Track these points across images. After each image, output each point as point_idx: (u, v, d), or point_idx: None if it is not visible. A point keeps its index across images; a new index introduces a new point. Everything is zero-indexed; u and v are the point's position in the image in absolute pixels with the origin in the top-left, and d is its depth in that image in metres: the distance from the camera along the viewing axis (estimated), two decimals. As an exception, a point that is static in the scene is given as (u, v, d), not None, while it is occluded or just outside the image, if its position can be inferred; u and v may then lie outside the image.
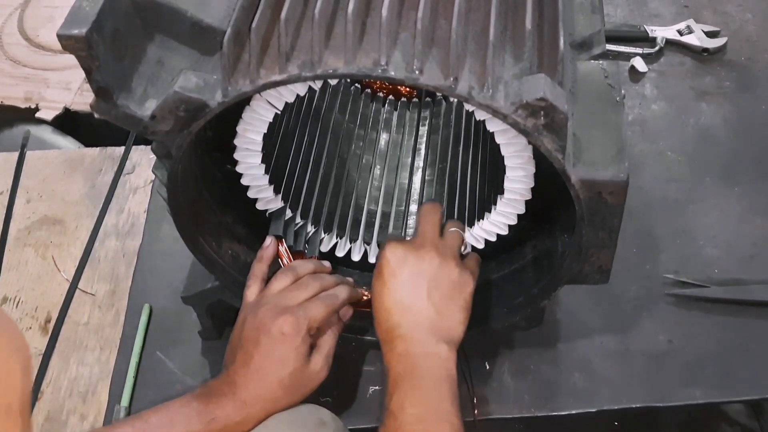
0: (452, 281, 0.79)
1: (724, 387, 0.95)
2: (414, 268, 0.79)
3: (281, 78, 0.66)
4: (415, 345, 0.76)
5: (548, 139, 0.66)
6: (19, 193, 1.18)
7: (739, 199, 1.12)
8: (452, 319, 0.78)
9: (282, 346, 0.77)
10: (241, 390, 0.77)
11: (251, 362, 0.77)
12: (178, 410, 0.77)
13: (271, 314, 0.78)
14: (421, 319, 0.77)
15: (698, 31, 1.32)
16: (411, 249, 0.80)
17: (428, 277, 0.79)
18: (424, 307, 0.77)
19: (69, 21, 0.63)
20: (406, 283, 0.78)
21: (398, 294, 0.78)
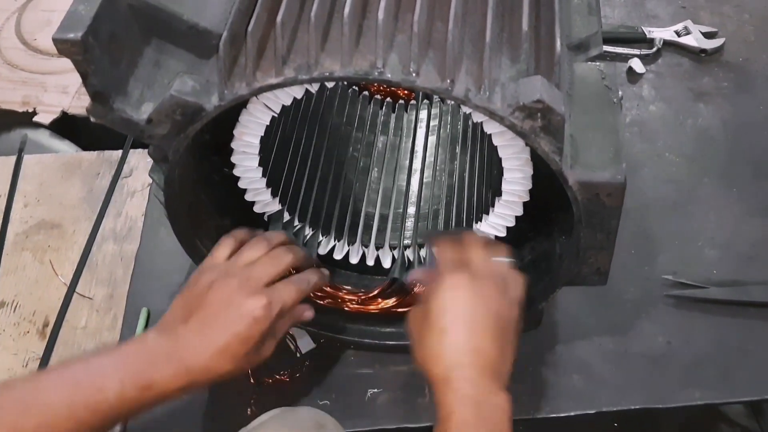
0: (514, 315, 0.74)
1: (724, 388, 0.94)
2: (484, 298, 0.72)
3: (277, 81, 0.66)
4: (480, 390, 0.68)
5: (545, 141, 0.66)
6: (17, 198, 1.17)
7: (737, 200, 1.12)
8: (509, 359, 0.72)
9: (248, 326, 0.73)
10: (187, 357, 0.72)
11: (208, 331, 0.73)
12: (111, 367, 0.70)
13: (246, 291, 0.74)
14: (488, 362, 0.69)
15: (696, 32, 1.32)
16: (476, 278, 0.73)
17: (497, 312, 0.72)
18: (494, 349, 0.70)
19: (65, 25, 0.63)
20: (476, 317, 0.71)
21: (468, 329, 0.70)
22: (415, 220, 0.97)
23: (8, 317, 1.04)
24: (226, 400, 0.94)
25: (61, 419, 0.68)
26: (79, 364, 0.71)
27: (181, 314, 0.75)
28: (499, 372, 0.70)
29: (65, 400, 0.68)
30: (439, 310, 0.71)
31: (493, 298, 0.72)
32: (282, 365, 0.95)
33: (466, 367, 0.69)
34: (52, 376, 0.71)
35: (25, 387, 0.70)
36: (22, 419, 0.67)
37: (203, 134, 0.78)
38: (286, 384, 0.94)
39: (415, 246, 0.94)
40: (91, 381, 0.69)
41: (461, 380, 0.68)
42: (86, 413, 0.68)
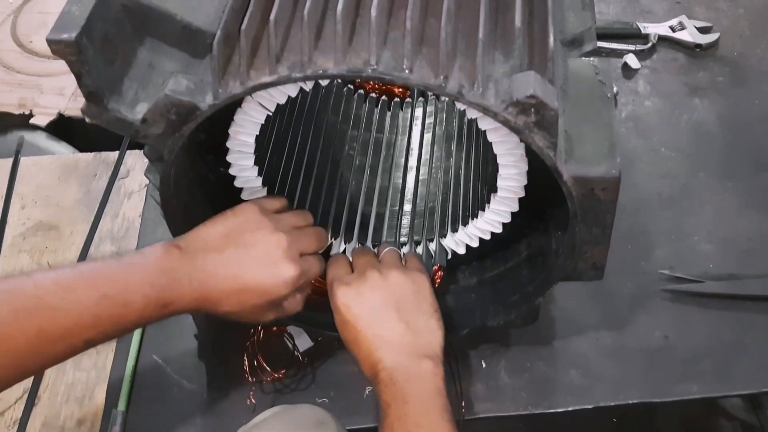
0: (408, 291, 0.80)
1: (721, 382, 0.95)
2: (371, 298, 0.79)
3: (271, 79, 0.66)
4: (398, 372, 0.75)
5: (539, 137, 0.67)
6: (14, 200, 1.17)
7: (733, 194, 1.12)
8: (427, 329, 0.78)
9: (274, 286, 0.77)
10: (209, 287, 0.74)
11: (237, 270, 0.75)
12: (137, 283, 0.71)
13: (288, 255, 0.77)
14: (400, 344, 0.76)
15: (690, 27, 1.32)
16: (357, 282, 0.80)
17: (387, 299, 0.78)
18: (399, 331, 0.77)
19: (58, 26, 0.64)
20: (372, 317, 0.78)
21: (370, 331, 0.77)
22: (411, 218, 0.97)
23: (6, 319, 1.04)
24: (225, 398, 0.94)
25: (86, 327, 0.69)
26: (106, 274, 0.72)
27: (216, 242, 0.76)
28: (416, 346, 0.76)
29: (92, 309, 0.69)
30: (341, 325, 0.80)
31: (381, 283, 0.79)
32: (280, 364, 0.95)
33: (384, 360, 0.75)
34: (79, 283, 0.70)
35: (51, 288, 0.69)
36: (48, 325, 0.67)
37: (198, 133, 0.78)
38: (284, 382, 0.95)
39: (411, 243, 0.94)
40: (118, 295, 0.70)
41: (381, 372, 0.75)
42: (110, 324, 0.70)
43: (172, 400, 0.94)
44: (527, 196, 0.82)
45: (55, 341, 0.68)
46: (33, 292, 0.68)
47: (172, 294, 0.72)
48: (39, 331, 0.67)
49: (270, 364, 0.95)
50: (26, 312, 0.67)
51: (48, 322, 0.67)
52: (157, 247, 0.74)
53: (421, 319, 0.79)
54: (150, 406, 0.94)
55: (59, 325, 0.68)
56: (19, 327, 0.66)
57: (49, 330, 0.67)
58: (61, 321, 0.68)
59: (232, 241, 0.76)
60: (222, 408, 0.93)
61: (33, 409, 0.96)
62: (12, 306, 0.66)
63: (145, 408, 0.94)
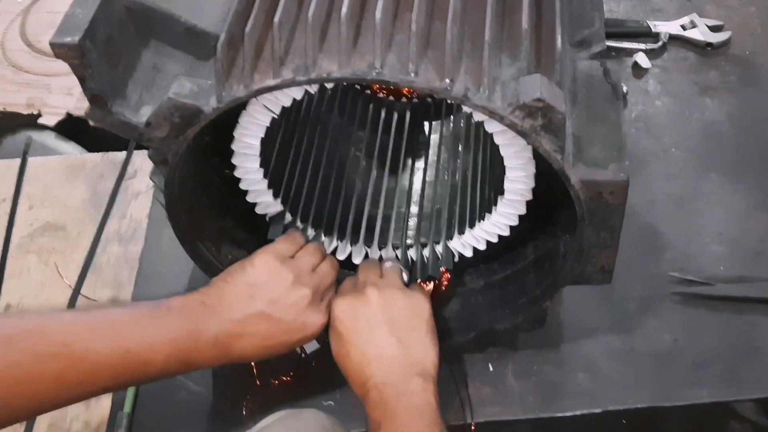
0: (404, 309, 0.79)
1: (732, 386, 0.94)
2: (364, 313, 0.78)
3: (275, 83, 0.65)
4: (388, 389, 0.74)
5: (546, 140, 0.66)
6: (21, 200, 1.18)
7: (744, 195, 1.11)
8: (420, 347, 0.77)
9: (303, 338, 0.78)
10: (235, 349, 0.75)
11: (267, 331, 0.76)
12: (160, 340, 0.71)
13: (315, 306, 0.78)
14: (391, 361, 0.76)
15: (702, 25, 1.31)
16: (354, 297, 0.80)
17: (381, 316, 0.78)
18: (390, 348, 0.76)
19: (62, 29, 0.63)
20: (364, 332, 0.77)
21: (361, 346, 0.77)
22: (418, 220, 0.96)
23: (13, 320, 1.04)
24: (231, 401, 0.94)
25: (106, 378, 0.70)
26: (133, 328, 0.71)
27: (241, 301, 0.76)
28: (407, 364, 0.75)
29: (114, 361, 0.69)
30: (333, 338, 0.79)
31: (378, 301, 0.78)
32: (287, 366, 0.95)
33: (374, 376, 0.75)
34: (106, 334, 0.70)
35: (77, 335, 0.69)
36: (70, 372, 0.67)
37: (203, 136, 0.78)
38: (290, 385, 0.94)
39: (418, 246, 0.94)
40: (142, 352, 0.70)
41: (371, 390, 0.74)
42: (130, 377, 0.72)
43: (178, 402, 0.94)
44: (534, 198, 0.81)
45: (74, 387, 0.68)
46: (59, 338, 0.68)
47: (196, 355, 0.73)
48: (59, 376, 0.67)
49: (277, 367, 0.94)
50: (51, 357, 0.66)
51: (69, 370, 0.67)
52: (182, 302, 0.74)
53: (414, 337, 0.78)
54: (156, 408, 0.94)
55: (80, 373, 0.68)
56: (40, 371, 0.66)
57: (69, 377, 0.67)
58: (82, 369, 0.68)
59: (256, 299, 0.76)
60: (228, 411, 0.93)
61: (39, 410, 0.96)
62: (36, 349, 0.66)
63: (151, 410, 0.94)
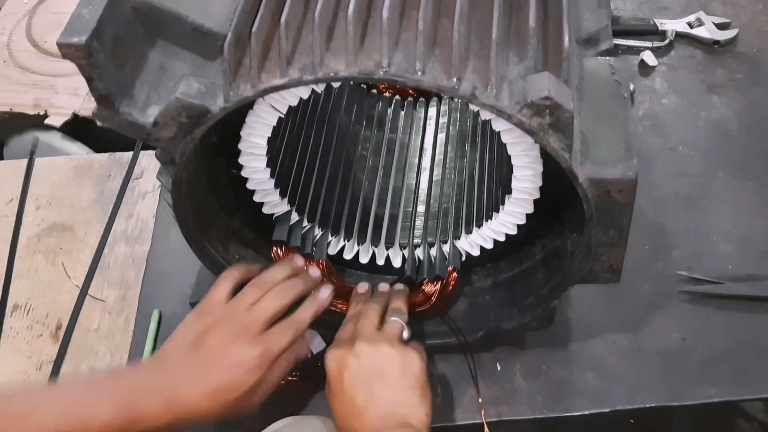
0: (394, 366, 0.78)
1: (740, 385, 0.93)
2: (354, 368, 0.78)
3: (282, 82, 0.65)
4: None
5: (554, 138, 0.66)
6: (29, 200, 1.18)
7: (752, 194, 1.11)
8: (406, 403, 0.76)
9: (240, 376, 0.75)
10: (177, 395, 0.73)
11: (201, 374, 0.75)
12: (101, 397, 0.72)
13: (242, 340, 0.76)
14: (374, 416, 0.75)
15: (708, 23, 1.30)
16: (347, 349, 0.79)
17: (369, 372, 0.77)
18: (374, 404, 0.76)
19: (69, 29, 0.63)
20: (351, 386, 0.77)
21: (347, 398, 0.77)
22: (425, 219, 0.96)
23: (21, 320, 1.05)
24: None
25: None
26: (72, 390, 0.74)
27: (184, 348, 0.77)
28: (390, 420, 0.75)
29: (53, 424, 0.70)
30: (327, 388, 0.79)
31: (368, 356, 0.78)
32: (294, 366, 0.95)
33: (361, 429, 0.75)
34: (43, 398, 0.72)
35: (15, 403, 0.71)
36: (13, 430, 0.69)
37: (210, 136, 0.78)
38: (297, 385, 0.94)
39: (425, 245, 0.94)
40: (79, 411, 0.71)
41: None
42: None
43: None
44: (542, 197, 0.81)
45: None
46: (2, 399, 0.71)
47: (141, 408, 0.72)
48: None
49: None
50: None
51: (13, 428, 0.69)
52: (129, 365, 0.74)
53: (402, 392, 0.77)
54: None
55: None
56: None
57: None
58: (25, 428, 0.69)
59: (191, 345, 0.76)
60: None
61: (47, 410, 0.96)
62: None
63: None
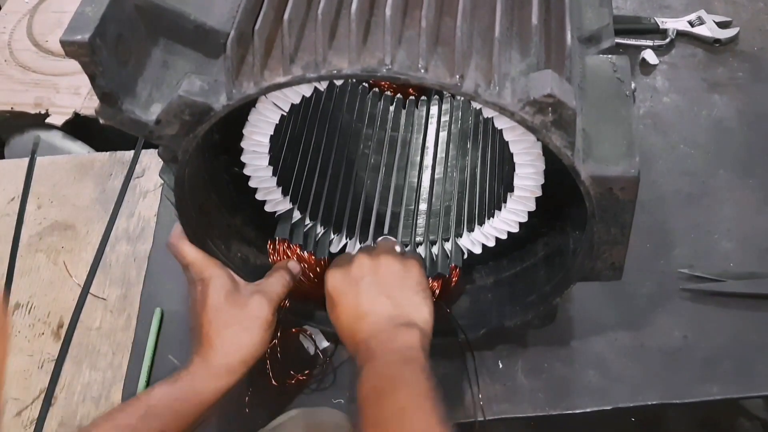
0: (395, 271, 0.80)
1: (742, 382, 0.93)
2: (355, 276, 0.80)
3: (285, 80, 0.65)
4: (375, 341, 0.76)
5: (556, 136, 0.66)
6: (30, 199, 1.18)
7: (754, 191, 1.11)
8: (409, 304, 0.79)
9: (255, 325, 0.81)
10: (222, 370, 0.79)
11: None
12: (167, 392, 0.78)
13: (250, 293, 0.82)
14: (378, 317, 0.77)
15: (709, 21, 1.30)
16: (346, 265, 0.82)
17: (371, 277, 0.80)
18: (379, 305, 0.78)
19: (72, 27, 0.63)
20: (354, 293, 0.79)
21: (352, 309, 0.79)
22: (427, 217, 0.96)
23: (23, 319, 1.05)
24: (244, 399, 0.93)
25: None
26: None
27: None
28: (393, 318, 0.77)
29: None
30: (329, 307, 0.82)
31: (369, 266, 0.81)
32: (300, 364, 0.95)
33: (362, 331, 0.77)
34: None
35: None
36: None
37: (212, 134, 0.78)
38: (304, 382, 0.94)
39: (427, 243, 0.94)
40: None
41: (359, 344, 0.76)
42: None
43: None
44: (544, 195, 0.81)
45: None
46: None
47: None
48: None
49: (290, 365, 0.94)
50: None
51: None
52: None
53: (403, 295, 0.79)
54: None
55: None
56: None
57: None
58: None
59: None
60: (240, 409, 0.93)
61: (50, 408, 0.96)
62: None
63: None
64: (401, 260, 0.82)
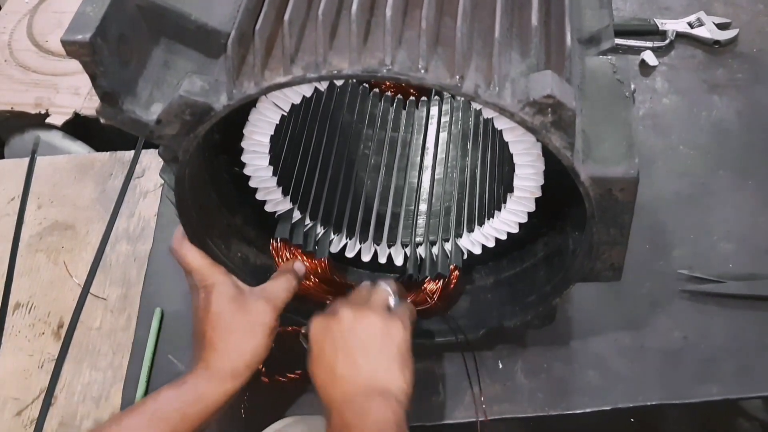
0: (376, 333, 0.77)
1: (741, 383, 0.94)
2: (336, 333, 0.77)
3: (286, 80, 0.65)
4: (347, 412, 0.73)
5: (556, 137, 0.66)
6: (30, 199, 1.18)
7: (753, 193, 1.11)
8: (386, 371, 0.75)
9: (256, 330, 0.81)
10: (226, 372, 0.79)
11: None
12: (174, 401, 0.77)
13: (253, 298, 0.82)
14: (352, 384, 0.74)
15: (709, 23, 1.31)
16: (331, 316, 0.79)
17: (350, 337, 0.76)
18: (353, 370, 0.75)
19: (73, 27, 0.63)
20: (332, 352, 0.76)
21: (328, 368, 0.76)
22: (427, 217, 0.96)
23: (23, 319, 1.05)
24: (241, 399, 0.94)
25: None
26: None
27: None
28: (369, 387, 0.74)
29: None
30: (309, 356, 0.79)
31: (349, 321, 0.77)
32: (295, 364, 0.95)
33: (336, 397, 0.74)
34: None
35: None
36: None
37: (213, 134, 0.78)
38: (298, 382, 0.94)
39: (427, 243, 0.94)
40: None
41: (333, 413, 0.73)
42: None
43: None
44: (544, 195, 0.81)
45: None
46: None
47: None
48: None
49: (285, 364, 0.94)
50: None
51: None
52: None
53: (382, 359, 0.76)
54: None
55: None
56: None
57: None
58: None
59: None
60: (237, 409, 0.93)
61: (50, 408, 0.96)
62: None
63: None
64: (385, 320, 0.78)
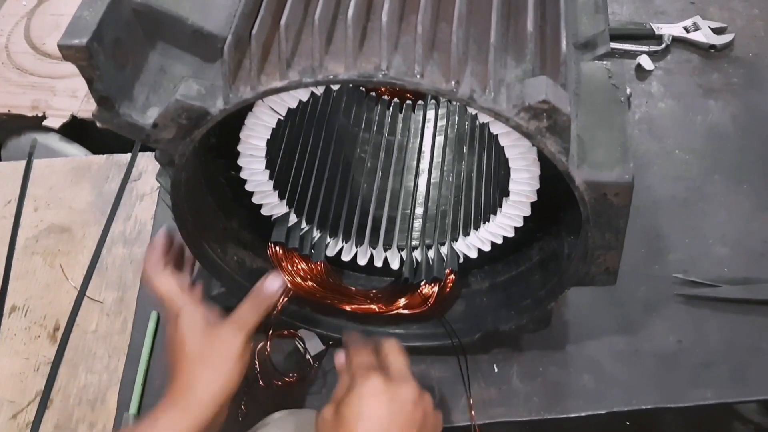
0: (423, 425, 0.74)
1: (736, 387, 0.94)
2: (396, 411, 0.73)
3: (282, 84, 0.65)
4: None
5: (551, 141, 0.66)
6: (27, 202, 1.18)
7: (748, 197, 1.11)
8: None
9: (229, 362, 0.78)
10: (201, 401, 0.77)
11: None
12: None
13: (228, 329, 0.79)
14: None
15: (705, 27, 1.31)
16: (386, 385, 0.74)
17: (408, 422, 0.72)
18: None
19: (69, 31, 0.63)
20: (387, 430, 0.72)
21: None
22: (423, 221, 0.96)
23: (19, 321, 1.05)
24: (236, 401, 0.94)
25: None
26: None
27: None
28: None
29: None
30: (353, 418, 0.72)
31: (407, 404, 0.73)
32: (291, 367, 0.95)
33: None
34: None
35: None
36: None
37: (209, 138, 0.78)
38: (294, 385, 0.94)
39: (423, 247, 0.94)
40: None
41: None
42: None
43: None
44: (539, 199, 0.81)
45: None
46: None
47: None
48: None
49: (281, 368, 0.95)
50: None
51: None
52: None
53: None
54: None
55: None
56: None
57: None
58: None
59: None
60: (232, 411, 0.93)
61: (45, 411, 0.96)
62: None
63: (157, 411, 0.94)
64: (422, 396, 0.75)
